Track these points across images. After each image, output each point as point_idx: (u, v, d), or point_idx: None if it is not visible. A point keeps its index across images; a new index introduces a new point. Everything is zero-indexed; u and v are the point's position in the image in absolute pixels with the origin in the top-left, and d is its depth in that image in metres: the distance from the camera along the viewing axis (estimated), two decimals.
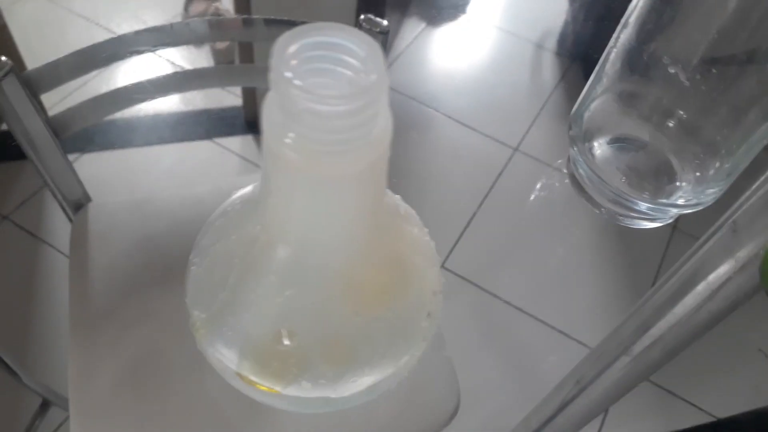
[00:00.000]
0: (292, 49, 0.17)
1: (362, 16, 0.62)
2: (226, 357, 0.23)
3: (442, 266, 1.30)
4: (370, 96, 0.17)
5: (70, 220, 0.66)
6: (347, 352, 0.23)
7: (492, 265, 1.34)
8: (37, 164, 0.61)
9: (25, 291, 1.19)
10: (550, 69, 1.78)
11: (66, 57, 0.58)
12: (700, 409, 1.18)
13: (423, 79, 1.69)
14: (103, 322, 0.58)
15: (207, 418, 0.54)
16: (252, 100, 1.47)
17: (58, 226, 1.28)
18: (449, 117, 1.60)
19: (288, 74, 0.17)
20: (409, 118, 1.59)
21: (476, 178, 1.49)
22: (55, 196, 0.65)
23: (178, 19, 1.70)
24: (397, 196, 0.27)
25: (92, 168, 1.38)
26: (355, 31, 0.18)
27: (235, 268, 0.22)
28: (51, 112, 0.61)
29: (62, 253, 1.24)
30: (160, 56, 1.62)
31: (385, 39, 0.62)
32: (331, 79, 0.18)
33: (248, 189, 0.25)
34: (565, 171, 1.57)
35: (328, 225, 0.20)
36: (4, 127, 0.89)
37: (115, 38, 0.59)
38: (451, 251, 1.30)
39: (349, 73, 0.17)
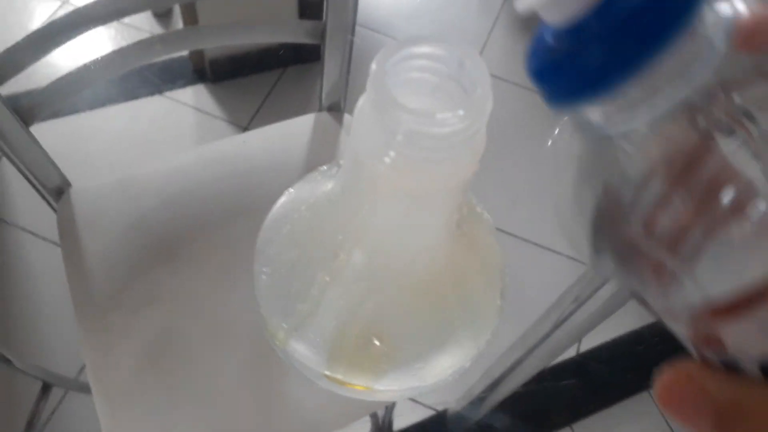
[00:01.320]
0: (394, 60, 0.16)
1: None
2: (313, 362, 0.24)
3: None
4: (477, 113, 0.16)
5: (54, 209, 0.63)
6: (432, 344, 0.24)
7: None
8: (12, 156, 0.57)
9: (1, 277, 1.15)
10: None
11: (22, 41, 0.54)
12: None
13: (371, 6, 1.63)
14: (110, 309, 0.58)
15: (232, 384, 0.55)
16: (198, 48, 1.41)
17: (21, 205, 1.23)
18: None
19: (393, 92, 0.16)
20: (363, 46, 1.55)
21: None
22: (33, 186, 0.62)
23: None
24: (477, 202, 0.27)
25: (44, 140, 1.31)
26: (456, 43, 0.17)
27: (317, 277, 0.22)
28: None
29: (30, 232, 1.19)
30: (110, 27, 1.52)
31: None
32: (438, 97, 0.17)
33: (306, 190, 0.24)
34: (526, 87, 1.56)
35: (419, 234, 0.20)
36: None
37: (70, 13, 0.55)
38: None
39: (457, 87, 0.17)
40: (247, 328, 0.57)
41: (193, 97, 1.43)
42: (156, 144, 1.36)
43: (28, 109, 0.57)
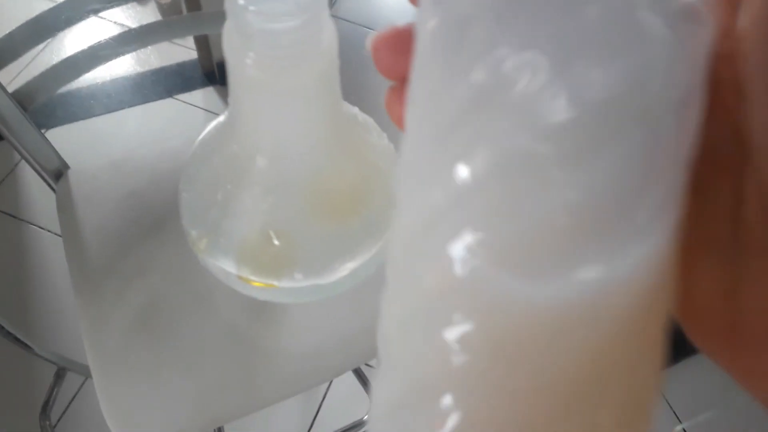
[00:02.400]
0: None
1: None
2: (226, 264, 0.27)
3: None
4: (312, 11, 0.20)
5: (53, 189, 0.68)
6: (329, 244, 0.27)
7: None
8: (12, 140, 0.62)
9: (17, 272, 1.21)
10: None
11: (18, 28, 0.59)
12: None
13: (373, 6, 1.68)
14: (104, 278, 0.62)
15: (216, 345, 0.59)
16: (206, 52, 1.46)
17: (38, 204, 1.29)
18: None
19: (241, 1, 0.19)
20: (352, 41, 1.60)
21: None
22: (34, 169, 0.66)
23: None
24: (355, 108, 0.30)
25: (60, 141, 1.38)
26: None
27: (221, 186, 0.26)
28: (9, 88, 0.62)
29: (46, 230, 1.25)
30: (103, 18, 1.59)
31: None
32: (279, 2, 0.20)
33: (221, 118, 0.28)
34: None
35: (293, 133, 0.24)
36: None
37: (63, 3, 0.60)
38: None
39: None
40: (227, 294, 0.60)
41: (203, 99, 1.49)
42: (171, 144, 1.42)
43: (25, 94, 0.62)
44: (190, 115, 1.47)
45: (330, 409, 1.12)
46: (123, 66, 1.51)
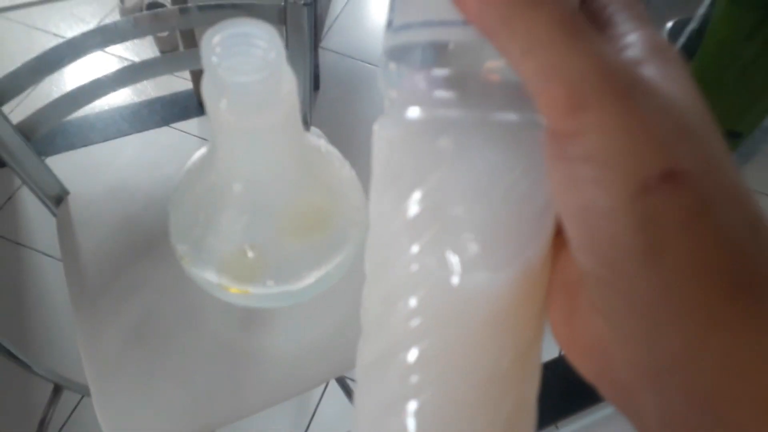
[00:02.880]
0: (216, 40, 0.25)
1: None
2: (208, 274, 0.32)
3: None
4: (273, 66, 0.25)
5: (54, 214, 0.73)
6: (296, 256, 0.32)
7: None
8: (15, 168, 0.67)
9: (16, 295, 1.25)
10: None
11: (23, 65, 0.64)
12: None
13: (361, 38, 1.74)
14: (101, 296, 0.66)
15: (205, 356, 0.63)
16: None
17: (37, 230, 1.34)
18: None
19: (214, 59, 0.24)
20: (353, 76, 1.66)
21: None
22: (36, 195, 0.71)
23: (115, 12, 1.72)
24: (321, 140, 0.35)
25: (58, 169, 1.43)
26: (260, 22, 0.26)
27: (203, 208, 0.31)
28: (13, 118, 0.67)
29: (45, 254, 1.30)
30: (105, 51, 1.65)
31: (311, 9, 0.69)
32: (245, 58, 0.25)
33: (202, 150, 0.33)
34: None
35: (263, 163, 0.29)
36: None
37: (65, 42, 0.65)
38: None
39: (259, 52, 0.25)
40: (215, 309, 0.65)
41: (198, 127, 1.54)
42: (164, 171, 1.47)
43: (29, 126, 0.67)
44: (185, 143, 1.52)
45: (320, 424, 1.16)
46: (120, 95, 1.57)
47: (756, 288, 0.14)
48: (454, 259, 0.17)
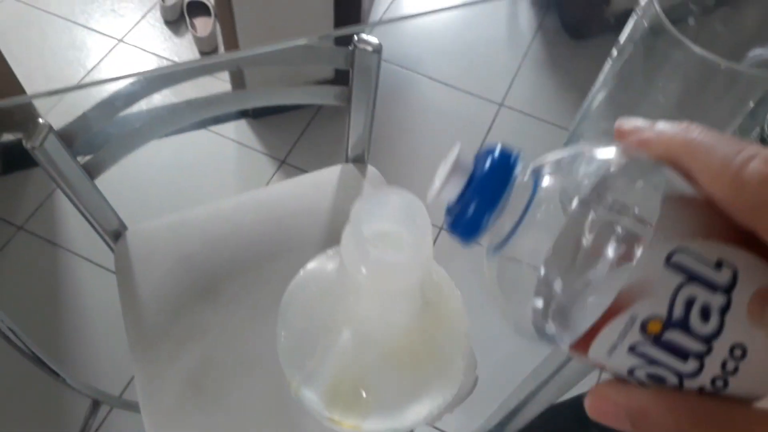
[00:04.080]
0: (366, 226, 0.24)
1: (356, 37, 0.67)
2: (316, 405, 0.31)
3: (437, 226, 1.37)
4: (420, 250, 0.24)
5: (111, 249, 0.73)
6: (407, 395, 0.31)
7: None
8: (78, 205, 0.67)
9: (50, 298, 1.26)
10: (526, 19, 1.81)
11: (91, 110, 0.63)
12: None
13: (402, 44, 1.72)
14: (159, 340, 0.66)
15: (263, 412, 0.63)
16: (241, 85, 1.51)
17: (73, 230, 1.34)
18: (432, 79, 1.64)
19: (371, 250, 0.24)
20: (395, 83, 1.64)
21: (466, 136, 1.55)
22: (95, 229, 0.71)
23: (156, 10, 1.71)
24: (440, 269, 0.34)
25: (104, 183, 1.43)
26: (405, 192, 0.25)
27: (321, 343, 0.30)
28: None
29: (80, 256, 1.30)
30: (143, 49, 1.64)
31: (378, 56, 0.68)
32: (393, 231, 0.25)
33: (317, 269, 0.32)
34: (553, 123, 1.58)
35: (392, 313, 0.28)
36: (4, 138, 0.94)
37: (128, 84, 0.64)
38: None
39: (406, 231, 0.24)
40: (275, 361, 0.64)
41: (235, 131, 1.54)
42: (201, 173, 1.47)
43: (94, 165, 0.66)
44: (222, 146, 1.52)
45: None
46: (159, 97, 1.56)
47: None
48: None
